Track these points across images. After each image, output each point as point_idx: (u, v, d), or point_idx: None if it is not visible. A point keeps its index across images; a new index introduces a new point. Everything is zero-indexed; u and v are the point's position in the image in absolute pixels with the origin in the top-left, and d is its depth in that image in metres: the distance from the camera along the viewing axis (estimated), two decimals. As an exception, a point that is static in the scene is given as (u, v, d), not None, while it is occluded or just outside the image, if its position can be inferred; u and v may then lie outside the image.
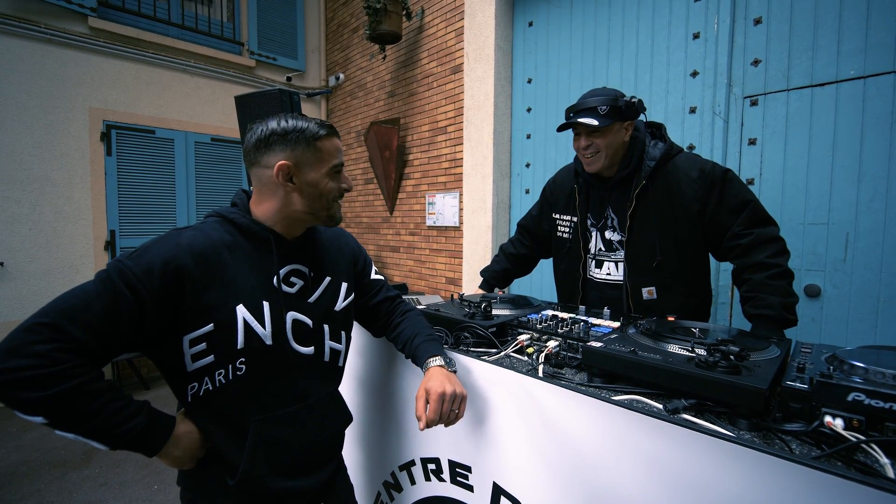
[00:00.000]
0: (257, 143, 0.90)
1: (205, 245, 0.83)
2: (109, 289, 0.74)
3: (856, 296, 1.85)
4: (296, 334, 0.92)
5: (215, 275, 0.83)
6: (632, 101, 1.35)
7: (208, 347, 0.82)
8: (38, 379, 0.66)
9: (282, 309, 0.90)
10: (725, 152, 2.18)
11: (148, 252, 0.79)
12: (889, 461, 0.60)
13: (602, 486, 0.76)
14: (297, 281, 0.95)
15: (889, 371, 0.73)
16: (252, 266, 0.88)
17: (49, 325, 0.69)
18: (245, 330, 0.84)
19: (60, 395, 0.68)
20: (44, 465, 2.64)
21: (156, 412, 0.81)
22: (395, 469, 1.24)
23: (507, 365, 0.97)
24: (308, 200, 0.92)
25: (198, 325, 0.81)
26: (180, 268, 0.79)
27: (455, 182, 3.46)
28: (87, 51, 3.68)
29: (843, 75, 1.83)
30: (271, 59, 4.70)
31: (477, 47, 3.16)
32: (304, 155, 0.90)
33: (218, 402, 0.85)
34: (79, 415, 0.70)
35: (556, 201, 1.65)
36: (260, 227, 0.91)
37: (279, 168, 0.88)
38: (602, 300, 1.51)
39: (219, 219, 0.91)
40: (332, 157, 0.93)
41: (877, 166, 1.78)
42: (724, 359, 0.78)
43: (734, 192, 1.34)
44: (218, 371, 0.83)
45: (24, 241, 3.49)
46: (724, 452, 0.63)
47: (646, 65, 2.44)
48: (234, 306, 0.84)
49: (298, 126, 0.90)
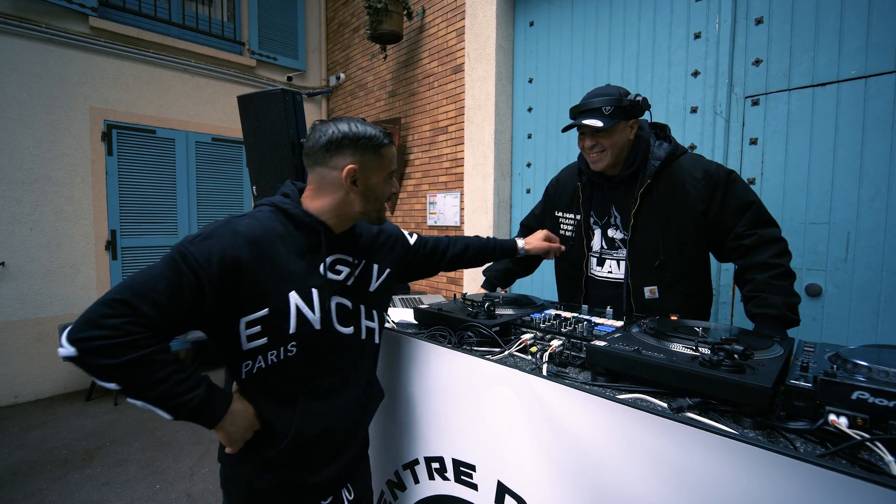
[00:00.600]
0: (327, 145, 0.94)
1: (260, 234, 0.89)
2: (174, 270, 0.80)
3: (857, 295, 1.85)
4: (339, 316, 0.99)
5: (270, 263, 0.89)
6: (636, 99, 1.35)
7: (263, 330, 0.89)
8: (110, 348, 0.74)
9: (329, 295, 0.96)
10: (727, 152, 2.18)
11: (209, 239, 0.84)
12: (893, 459, 0.61)
13: (607, 484, 0.77)
14: (343, 269, 1.02)
15: (892, 370, 0.73)
16: (301, 255, 0.94)
17: (122, 301, 0.76)
18: (297, 315, 0.90)
19: (129, 364, 0.75)
20: (46, 464, 2.64)
21: (215, 387, 0.87)
22: (398, 468, 1.24)
23: (510, 364, 0.98)
24: (365, 202, 0.99)
25: (254, 309, 0.87)
26: (236, 257, 0.84)
27: (456, 182, 3.46)
28: (87, 50, 3.69)
29: (844, 75, 1.84)
30: (272, 59, 4.70)
31: (478, 47, 3.16)
32: (371, 160, 0.96)
33: (269, 379, 0.92)
34: (145, 383, 0.77)
35: (559, 199, 1.65)
36: (312, 218, 0.96)
37: (349, 171, 0.94)
38: (603, 298, 1.51)
39: (272, 208, 0.97)
40: (391, 163, 1.01)
41: (878, 166, 1.78)
42: (728, 358, 0.79)
43: (738, 193, 1.34)
44: (270, 352, 0.90)
45: (24, 240, 3.49)
46: (728, 450, 0.63)
47: (647, 64, 2.44)
48: (287, 293, 0.90)
49: (368, 133, 0.96)
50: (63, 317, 3.65)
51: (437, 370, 1.12)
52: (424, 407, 1.16)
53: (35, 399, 3.62)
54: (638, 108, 1.36)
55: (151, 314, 0.77)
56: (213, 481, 2.49)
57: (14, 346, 3.50)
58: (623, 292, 1.48)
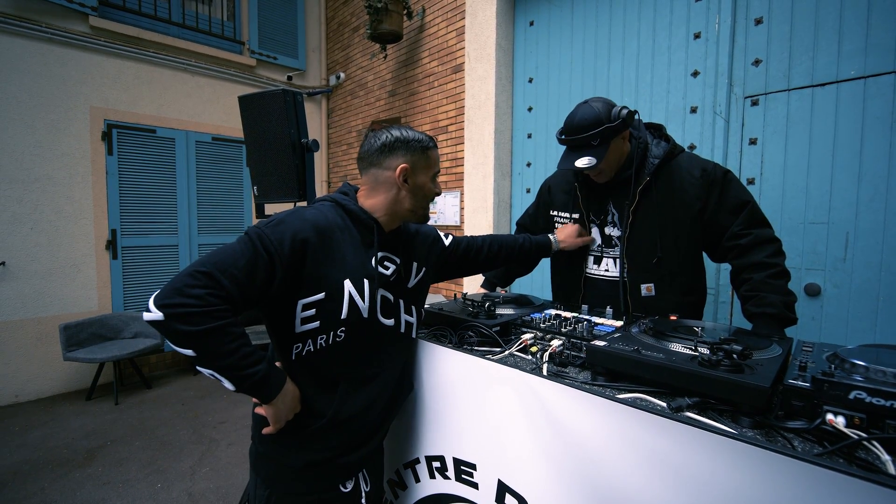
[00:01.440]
0: (382, 148, 1.05)
1: (324, 223, 0.98)
2: (251, 249, 0.88)
3: (856, 295, 1.86)
4: (382, 308, 1.06)
5: (330, 250, 0.97)
6: (621, 114, 1.32)
7: (317, 313, 0.96)
8: (192, 315, 0.80)
9: (377, 287, 1.03)
10: (726, 152, 2.19)
11: (282, 224, 0.93)
12: (890, 458, 0.61)
13: (607, 483, 0.77)
14: (390, 265, 1.10)
15: (890, 369, 0.74)
16: (356, 248, 1.02)
17: (206, 273, 0.83)
18: (349, 302, 0.98)
19: (207, 332, 0.81)
20: (46, 463, 2.65)
21: (273, 365, 0.94)
22: (399, 467, 1.25)
23: (511, 364, 0.98)
24: (414, 199, 1.08)
25: (312, 292, 0.94)
26: (305, 240, 0.92)
27: (456, 181, 3.47)
28: (87, 50, 3.68)
29: (843, 75, 1.84)
30: (272, 59, 4.70)
31: (478, 46, 3.16)
32: (420, 161, 1.06)
33: (316, 362, 0.99)
34: (217, 352, 0.83)
35: (554, 199, 1.66)
36: (367, 215, 1.05)
37: (401, 170, 1.04)
38: (600, 297, 1.52)
39: (332, 203, 1.06)
40: (436, 164, 1.11)
41: (877, 166, 1.79)
42: (727, 357, 0.79)
43: (734, 193, 1.36)
44: (321, 336, 0.97)
45: (25, 240, 3.49)
46: (727, 449, 0.64)
47: (647, 65, 2.45)
48: (343, 280, 0.97)
49: (417, 137, 1.07)
50: (64, 316, 3.65)
51: (438, 370, 1.13)
52: (425, 406, 1.17)
53: (36, 398, 3.62)
54: (624, 123, 1.34)
55: (230, 288, 0.84)
56: (215, 480, 2.50)
57: (15, 345, 3.50)
58: (619, 290, 1.48)
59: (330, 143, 5.15)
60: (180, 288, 0.81)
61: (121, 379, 3.81)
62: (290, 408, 0.96)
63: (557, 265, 1.69)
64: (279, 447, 1.02)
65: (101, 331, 3.70)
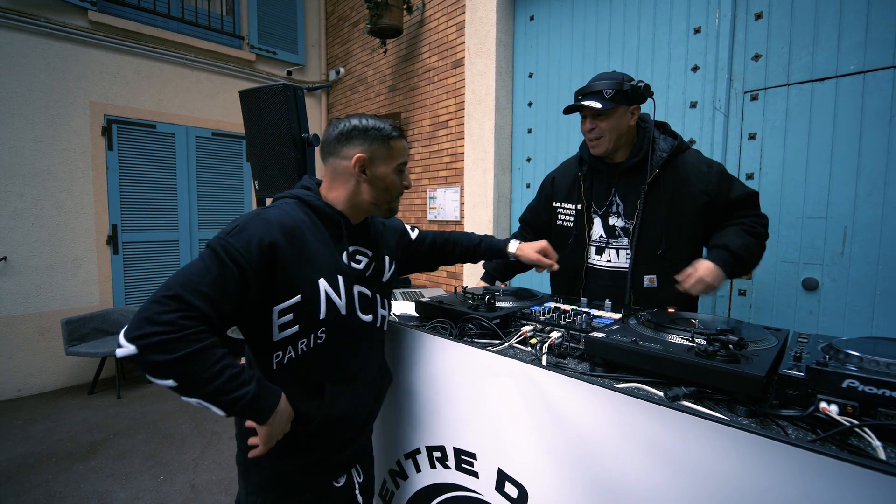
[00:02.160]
0: (339, 136, 1.01)
1: (290, 223, 0.93)
2: (218, 262, 0.83)
3: (853, 289, 1.87)
4: (361, 304, 1.04)
5: (300, 250, 0.92)
6: (638, 84, 1.38)
7: (294, 318, 0.92)
8: (167, 343, 0.75)
9: (352, 283, 1.01)
10: (725, 147, 2.19)
11: (245, 230, 0.88)
12: (881, 444, 0.63)
13: (605, 470, 0.79)
14: (362, 259, 1.07)
15: (883, 359, 0.75)
16: (326, 244, 0.99)
17: (174, 296, 0.78)
18: (326, 301, 0.95)
19: (186, 358, 0.76)
20: (50, 456, 2.67)
21: (264, 382, 0.88)
22: (400, 457, 1.27)
23: (510, 355, 0.99)
24: (375, 192, 1.03)
25: (287, 297, 0.90)
26: (273, 244, 0.88)
27: (456, 176, 3.47)
28: (87, 45, 3.68)
29: (842, 70, 1.85)
30: (271, 53, 4.69)
31: (478, 41, 3.16)
32: (379, 150, 1.01)
33: (299, 368, 0.96)
34: (201, 378, 0.77)
35: (558, 191, 1.67)
36: (333, 210, 1.02)
37: (357, 160, 0.99)
38: (602, 288, 1.53)
39: (296, 201, 1.01)
40: (400, 155, 1.05)
41: (875, 161, 1.79)
42: (723, 348, 0.81)
43: (739, 186, 1.43)
44: (301, 340, 0.94)
45: (26, 235, 3.50)
46: (722, 436, 0.65)
47: (647, 59, 2.45)
48: (317, 279, 0.94)
49: (377, 125, 1.01)
50: (65, 311, 3.67)
51: (439, 361, 1.14)
52: (426, 397, 1.18)
53: (38, 393, 3.65)
54: (639, 93, 1.39)
55: (203, 307, 0.79)
56: (217, 472, 2.52)
57: (17, 340, 3.52)
58: (624, 281, 1.50)
59: (330, 139, 5.15)
60: (149, 316, 0.76)
61: (123, 373, 3.83)
62: (282, 428, 0.91)
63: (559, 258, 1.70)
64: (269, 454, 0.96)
65: (102, 325, 3.71)
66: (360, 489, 1.11)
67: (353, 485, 1.10)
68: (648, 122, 1.48)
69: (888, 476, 0.52)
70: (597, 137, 1.44)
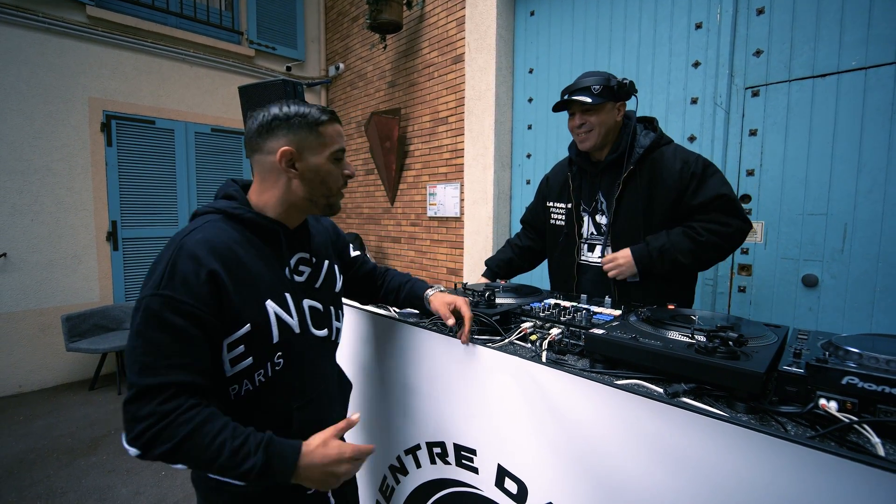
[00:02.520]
0: (259, 129, 0.89)
1: (219, 245, 0.82)
2: (161, 326, 0.75)
3: (853, 285, 1.87)
4: (313, 320, 0.96)
5: (240, 275, 0.83)
6: (623, 81, 1.43)
7: (246, 349, 0.83)
8: (159, 434, 0.71)
9: (300, 298, 0.93)
10: (726, 143, 2.19)
11: (176, 271, 0.77)
12: (880, 441, 0.63)
13: (605, 466, 0.79)
14: (305, 269, 0.98)
15: (883, 356, 0.75)
16: (266, 261, 0.89)
17: (137, 392, 0.73)
18: (278, 323, 0.87)
19: (182, 443, 0.72)
20: (52, 452, 2.68)
21: (277, 445, 0.78)
22: (400, 453, 1.27)
23: (510, 351, 0.99)
24: (309, 187, 0.91)
25: (235, 328, 0.81)
26: (212, 272, 0.79)
27: (456, 173, 3.47)
28: (85, 40, 3.66)
29: (844, 66, 1.84)
30: (271, 49, 4.67)
31: (478, 37, 3.14)
32: (307, 140, 0.89)
33: (259, 400, 0.88)
34: (203, 458, 0.73)
35: (551, 191, 1.72)
36: (267, 220, 0.90)
37: (282, 154, 0.87)
38: (594, 283, 1.58)
39: (221, 216, 0.88)
40: (334, 142, 0.92)
41: (876, 157, 1.79)
42: (723, 344, 0.81)
43: (711, 185, 1.39)
44: (257, 372, 0.86)
45: (26, 231, 3.50)
46: (722, 433, 0.65)
47: (648, 55, 2.44)
48: (264, 302, 0.85)
49: (301, 111, 0.89)
50: (66, 307, 3.67)
51: (439, 358, 1.14)
52: (426, 394, 1.19)
53: (39, 388, 3.66)
54: (625, 90, 1.44)
55: (174, 380, 0.74)
56: (218, 468, 2.53)
57: (18, 336, 3.53)
58: None
59: (329, 135, 5.14)
60: (132, 416, 0.72)
61: (124, 369, 3.84)
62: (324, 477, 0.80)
63: (552, 256, 1.74)
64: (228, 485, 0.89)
65: (103, 321, 3.72)
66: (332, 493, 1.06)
67: None
68: (632, 118, 1.51)
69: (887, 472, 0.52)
70: (587, 132, 1.47)
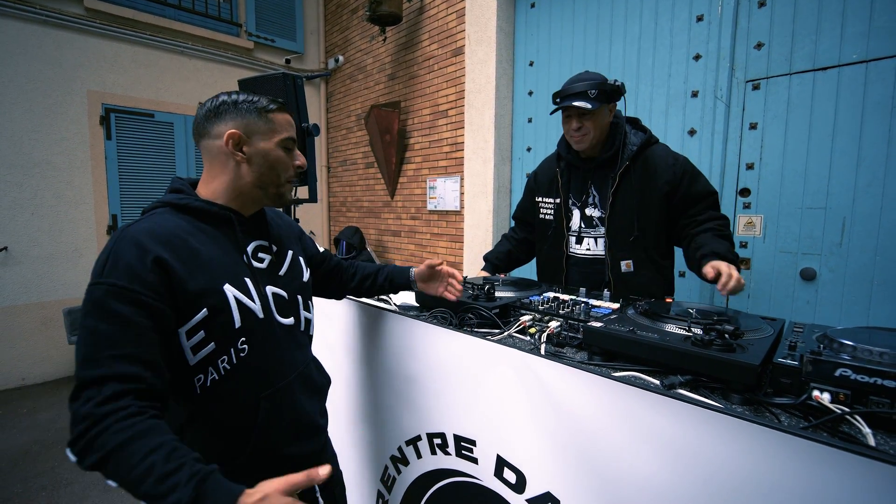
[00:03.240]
0: (207, 115, 0.89)
1: (166, 233, 0.80)
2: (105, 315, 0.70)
3: (850, 279, 1.88)
4: (277, 307, 0.94)
5: (190, 260, 0.80)
6: (616, 84, 1.48)
7: (207, 335, 0.81)
8: (92, 441, 0.63)
9: (261, 283, 0.92)
10: (726, 137, 2.19)
11: (119, 258, 0.74)
12: (871, 431, 0.64)
13: (602, 457, 0.81)
14: (265, 256, 0.97)
15: (876, 349, 0.76)
16: (221, 247, 0.87)
17: (79, 384, 0.67)
18: (239, 307, 0.84)
19: (109, 455, 0.62)
20: (55, 443, 2.71)
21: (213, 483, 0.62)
22: (401, 444, 1.29)
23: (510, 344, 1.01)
24: (258, 172, 0.90)
25: (191, 314, 0.79)
26: (158, 257, 0.75)
27: (456, 166, 3.46)
28: (83, 32, 3.64)
29: (845, 59, 1.84)
30: (270, 41, 4.64)
31: (478, 29, 3.12)
32: (256, 124, 0.89)
33: (225, 390, 0.85)
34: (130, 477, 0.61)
35: (539, 187, 1.77)
36: (217, 206, 0.89)
37: (229, 136, 0.87)
38: (583, 275, 1.63)
39: (168, 208, 0.87)
40: (284, 129, 0.92)
41: (876, 151, 1.79)
42: (719, 337, 0.82)
43: (702, 183, 1.51)
44: (221, 359, 0.83)
45: (26, 225, 3.50)
46: (716, 424, 0.67)
47: (648, 48, 2.43)
48: (222, 287, 0.83)
49: (250, 98, 0.90)
50: (67, 300, 3.69)
51: (439, 351, 1.16)
52: (426, 386, 1.20)
53: (42, 381, 3.68)
54: (617, 92, 1.48)
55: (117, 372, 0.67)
56: (220, 460, 2.56)
57: (20, 329, 3.55)
58: (603, 266, 1.59)
59: (329, 128, 5.13)
60: (73, 416, 0.64)
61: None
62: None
63: (541, 249, 1.78)
64: None
65: (104, 315, 3.73)
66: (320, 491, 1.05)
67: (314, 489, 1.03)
68: (620, 118, 1.57)
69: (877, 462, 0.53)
70: (584, 135, 1.51)
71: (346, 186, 4.92)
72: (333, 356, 1.51)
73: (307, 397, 1.01)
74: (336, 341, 1.51)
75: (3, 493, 2.27)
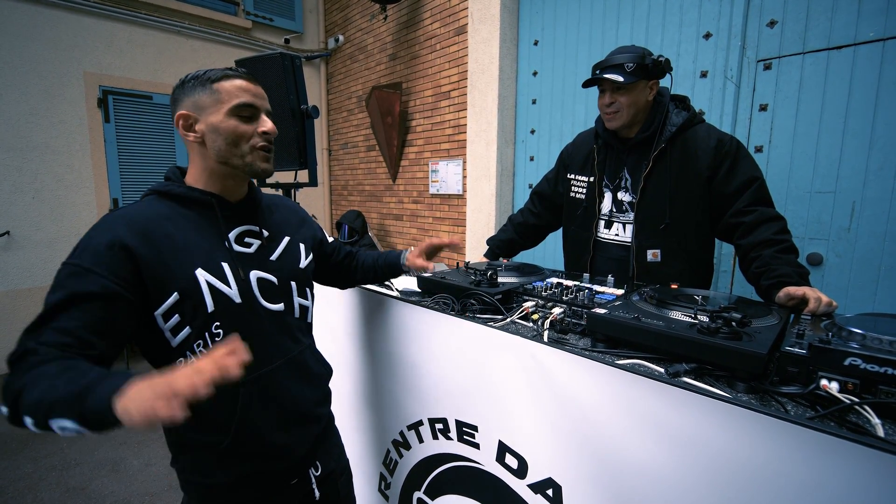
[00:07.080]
0: (171, 105, 0.89)
1: (142, 219, 0.82)
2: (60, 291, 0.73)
3: (857, 264, 1.86)
4: (263, 291, 0.93)
5: (162, 245, 0.82)
6: (659, 59, 1.37)
7: (182, 319, 0.83)
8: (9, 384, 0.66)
9: (242, 268, 0.91)
10: (735, 118, 2.14)
11: (90, 242, 0.78)
12: (880, 421, 0.63)
13: (604, 444, 0.80)
14: (253, 241, 0.96)
15: (886, 337, 0.75)
16: (201, 232, 0.88)
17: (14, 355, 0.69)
18: (211, 292, 0.85)
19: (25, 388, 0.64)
20: (64, 425, 2.75)
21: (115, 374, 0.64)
22: (403, 428, 1.30)
23: (512, 331, 1.00)
24: (215, 148, 0.88)
25: (162, 298, 0.81)
26: (125, 245, 0.77)
27: (458, 149, 3.42)
28: (78, 11, 3.56)
29: (861, 37, 1.77)
30: (268, 20, 4.54)
31: (482, 6, 3.04)
32: (202, 99, 0.87)
33: None
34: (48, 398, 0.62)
35: (573, 162, 1.66)
36: (199, 192, 0.90)
37: (177, 118, 0.87)
38: (608, 261, 1.55)
39: (155, 195, 0.90)
40: (234, 96, 0.87)
41: (889, 133, 1.74)
42: (725, 325, 0.80)
43: (745, 167, 1.35)
44: (196, 343, 0.84)
45: (27, 209, 3.50)
46: (722, 413, 0.66)
47: (657, 25, 2.35)
48: (193, 271, 0.84)
49: (197, 73, 0.88)
50: (71, 284, 3.70)
51: (441, 336, 1.15)
52: (428, 371, 1.20)
53: (49, 364, 3.73)
54: (660, 68, 1.37)
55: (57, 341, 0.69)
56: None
57: (23, 313, 3.57)
58: (628, 254, 1.50)
59: (330, 110, 5.05)
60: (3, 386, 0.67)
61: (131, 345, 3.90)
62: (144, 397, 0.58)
63: (569, 230, 1.71)
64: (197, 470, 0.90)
65: (108, 299, 3.76)
66: (317, 483, 1.06)
67: (310, 479, 1.05)
68: (665, 96, 1.45)
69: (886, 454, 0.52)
70: (615, 111, 1.42)
71: (348, 170, 4.88)
72: (336, 341, 1.51)
73: (299, 385, 1.00)
74: (338, 327, 1.51)
75: (14, 473, 2.32)
